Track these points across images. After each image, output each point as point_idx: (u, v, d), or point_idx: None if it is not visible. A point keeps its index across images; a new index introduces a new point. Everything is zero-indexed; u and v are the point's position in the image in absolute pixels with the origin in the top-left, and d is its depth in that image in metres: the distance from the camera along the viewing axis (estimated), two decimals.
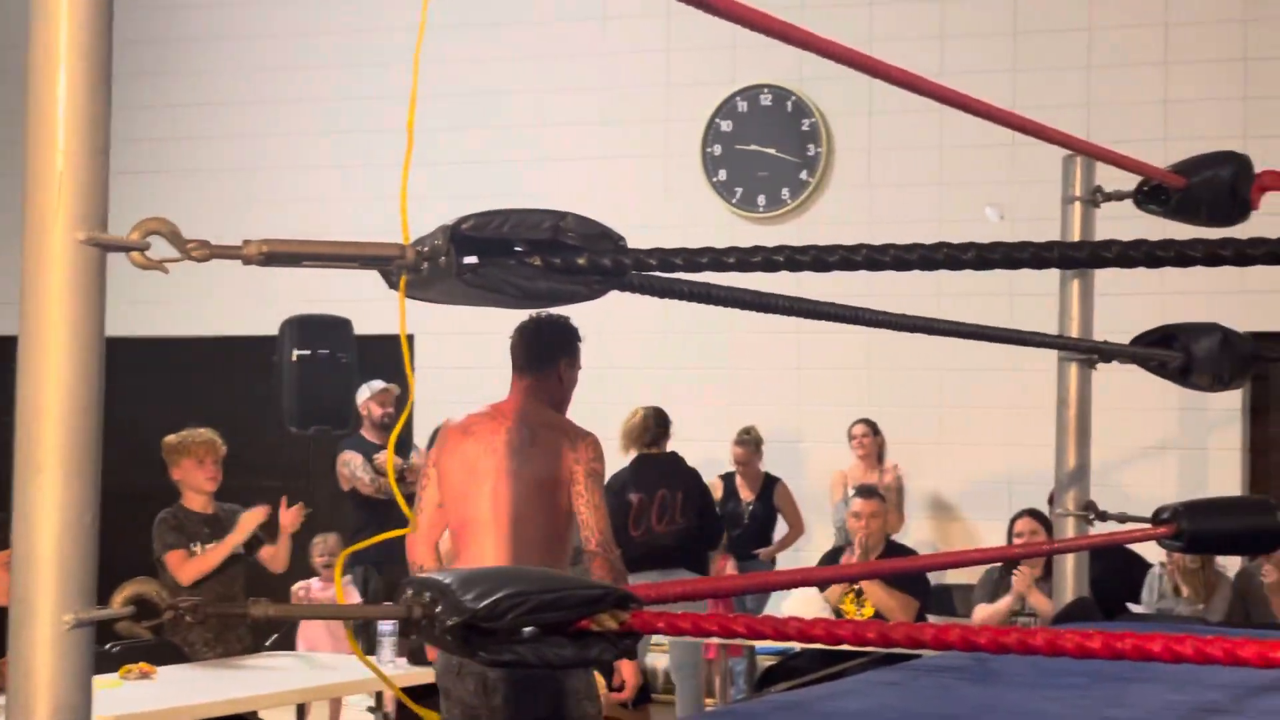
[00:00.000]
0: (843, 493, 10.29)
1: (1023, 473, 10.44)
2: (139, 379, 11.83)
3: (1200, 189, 4.90)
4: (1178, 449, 10.72)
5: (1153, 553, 8.50)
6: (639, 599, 2.33)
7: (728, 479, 10.61)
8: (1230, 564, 9.27)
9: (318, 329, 9.34)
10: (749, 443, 10.66)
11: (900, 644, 2.23)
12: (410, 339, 10.61)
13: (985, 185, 10.97)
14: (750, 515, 10.58)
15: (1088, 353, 4.86)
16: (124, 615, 2.11)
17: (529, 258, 2.39)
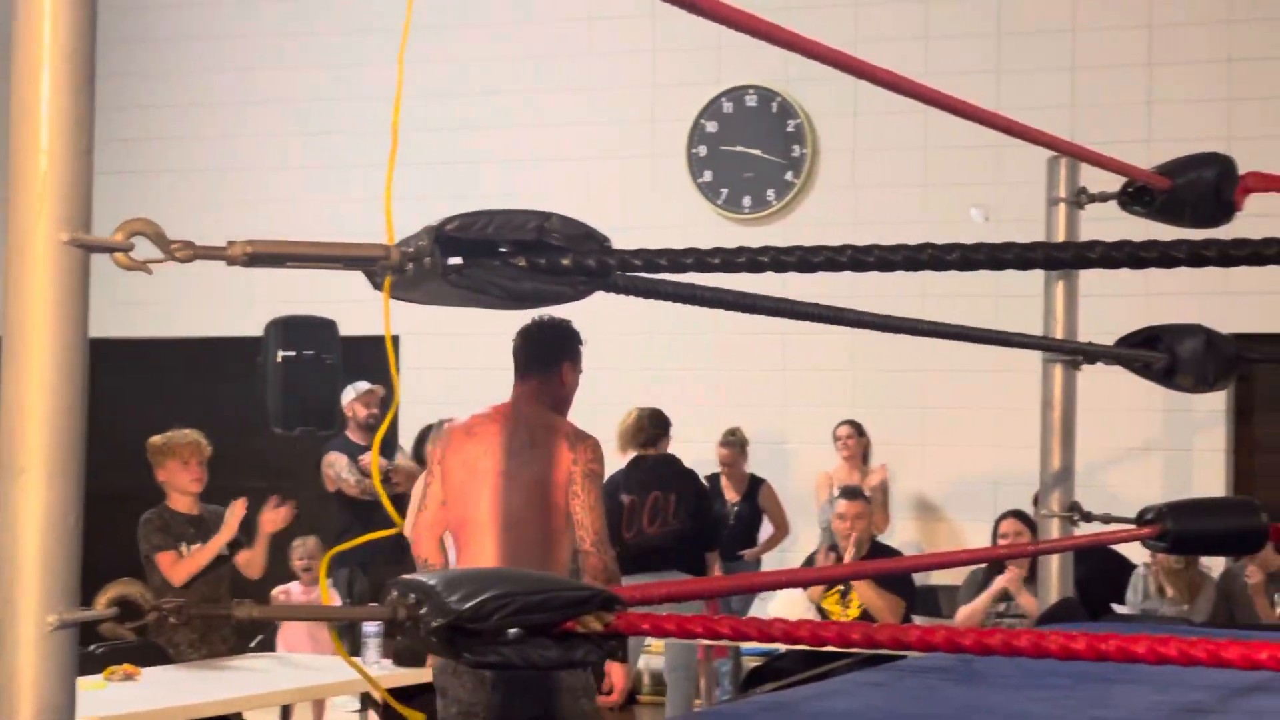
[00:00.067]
0: (828, 494, 10.30)
1: (1008, 474, 10.45)
2: (123, 380, 11.81)
3: (1185, 190, 4.91)
4: (1162, 450, 10.74)
5: (1137, 554, 8.51)
6: (624, 600, 2.33)
7: (713, 480, 10.60)
8: (1215, 565, 9.28)
9: (303, 330, 9.32)
10: (734, 444, 10.66)
11: (885, 645, 2.23)
12: (395, 340, 10.60)
13: (970, 186, 10.98)
14: (735, 516, 10.57)
15: (1072, 354, 4.87)
16: (108, 616, 2.10)
17: (514, 258, 2.39)
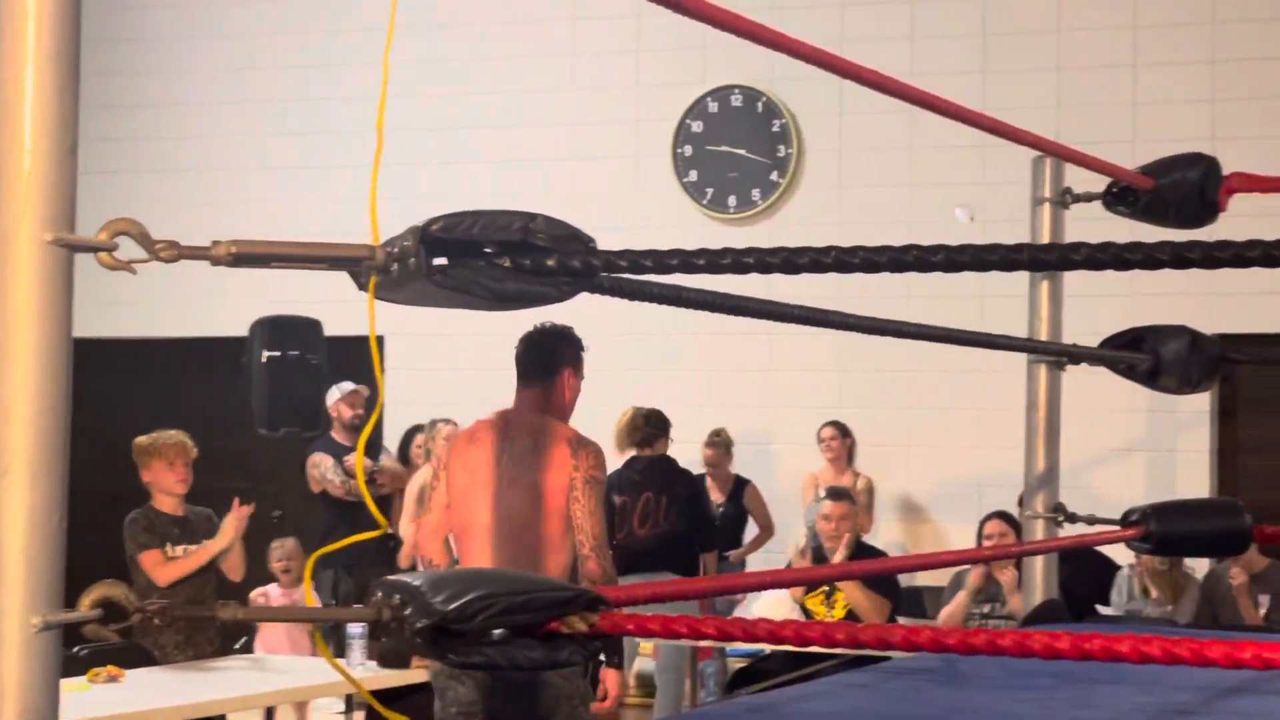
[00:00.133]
0: (814, 495, 10.30)
1: (992, 475, 10.45)
2: (107, 380, 11.78)
3: (1169, 191, 4.92)
4: (1146, 451, 10.75)
5: (1122, 555, 8.51)
6: (608, 601, 2.33)
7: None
8: (1199, 566, 9.29)
9: (288, 330, 9.31)
10: (719, 445, 10.66)
11: (870, 645, 2.24)
12: (380, 340, 10.59)
13: (955, 186, 10.99)
14: (721, 517, 10.57)
15: (1057, 355, 4.88)
16: (92, 618, 2.10)
17: (499, 259, 2.39)
